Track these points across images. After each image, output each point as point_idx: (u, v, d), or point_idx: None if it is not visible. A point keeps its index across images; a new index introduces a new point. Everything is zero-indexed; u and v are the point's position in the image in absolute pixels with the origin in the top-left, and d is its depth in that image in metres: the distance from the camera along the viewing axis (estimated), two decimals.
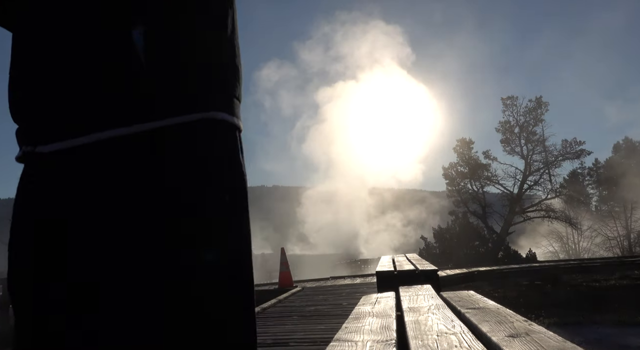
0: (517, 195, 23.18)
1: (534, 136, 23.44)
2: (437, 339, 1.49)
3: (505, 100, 24.09)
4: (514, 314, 1.79)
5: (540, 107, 23.53)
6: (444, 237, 21.48)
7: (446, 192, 24.62)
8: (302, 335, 4.57)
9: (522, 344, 1.32)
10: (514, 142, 23.69)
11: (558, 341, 1.32)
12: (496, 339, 1.41)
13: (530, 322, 1.61)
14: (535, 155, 23.49)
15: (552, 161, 23.22)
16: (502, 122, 24.09)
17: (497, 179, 23.68)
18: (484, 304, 2.18)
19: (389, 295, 2.87)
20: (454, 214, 22.79)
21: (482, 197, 23.45)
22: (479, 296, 2.51)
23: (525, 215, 23.41)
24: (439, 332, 1.58)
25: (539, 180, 23.36)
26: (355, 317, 2.14)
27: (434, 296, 2.54)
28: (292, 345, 4.20)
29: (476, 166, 23.73)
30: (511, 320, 1.67)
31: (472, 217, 22.85)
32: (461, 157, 24.27)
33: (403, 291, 2.87)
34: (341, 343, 1.61)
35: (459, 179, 24.00)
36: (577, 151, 23.06)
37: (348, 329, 1.85)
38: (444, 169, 24.48)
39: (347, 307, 6.20)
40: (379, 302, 2.60)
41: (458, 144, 24.54)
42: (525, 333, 1.44)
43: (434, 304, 2.20)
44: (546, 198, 23.18)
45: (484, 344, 1.42)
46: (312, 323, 5.33)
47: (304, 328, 5.00)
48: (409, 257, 6.63)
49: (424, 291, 2.83)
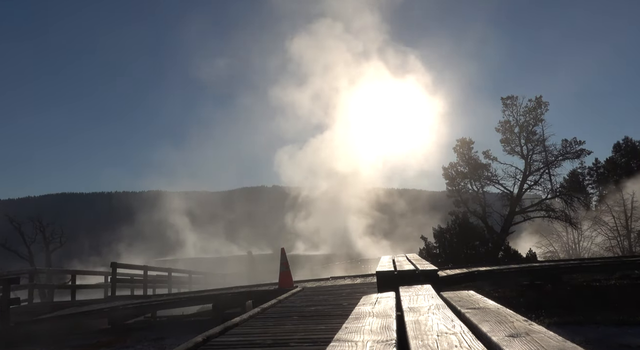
0: (517, 195, 23.17)
1: (534, 136, 23.44)
2: (437, 339, 1.48)
3: (505, 100, 24.09)
4: (514, 314, 1.79)
5: (540, 107, 23.52)
6: (444, 237, 21.45)
7: (446, 192, 24.61)
8: (303, 336, 4.56)
9: (523, 344, 1.32)
10: (513, 142, 23.68)
11: (558, 341, 1.31)
12: (496, 339, 1.41)
13: (530, 322, 1.61)
14: (535, 155, 23.49)
15: (552, 161, 23.21)
16: (502, 122, 24.09)
17: (497, 178, 23.69)
18: (484, 303, 2.18)
19: (389, 295, 2.87)
20: (454, 214, 22.76)
21: (482, 197, 23.44)
22: (479, 296, 2.50)
23: (525, 215, 23.39)
24: (439, 332, 1.58)
25: (539, 180, 23.35)
26: (356, 317, 2.13)
27: (434, 296, 2.53)
28: (292, 346, 4.19)
29: (476, 166, 23.72)
30: (511, 320, 1.66)
31: (472, 217, 22.83)
32: (461, 157, 24.26)
33: (403, 291, 2.87)
34: (341, 343, 1.61)
35: (459, 179, 23.99)
36: (577, 151, 23.04)
37: (348, 329, 1.85)
38: (444, 169, 24.47)
39: (348, 307, 6.19)
40: (379, 302, 2.59)
41: (458, 143, 24.54)
42: (526, 333, 1.44)
43: (434, 304, 2.20)
44: (546, 198, 23.16)
45: (484, 343, 1.42)
46: (312, 323, 5.32)
47: (304, 328, 4.99)
48: (409, 257, 6.63)
49: (424, 291, 2.82)
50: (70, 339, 9.22)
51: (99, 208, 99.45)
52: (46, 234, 26.16)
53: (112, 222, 48.58)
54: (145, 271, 17.05)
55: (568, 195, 22.81)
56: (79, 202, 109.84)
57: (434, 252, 20.96)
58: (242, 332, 5.05)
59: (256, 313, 6.46)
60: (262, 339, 4.52)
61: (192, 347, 4.21)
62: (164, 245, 45.03)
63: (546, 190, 23.15)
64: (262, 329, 5.17)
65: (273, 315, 6.31)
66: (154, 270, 18.86)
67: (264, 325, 5.44)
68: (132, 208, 54.59)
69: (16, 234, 24.95)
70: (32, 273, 14.94)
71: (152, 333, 9.34)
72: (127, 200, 61.04)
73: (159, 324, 11.50)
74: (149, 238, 45.72)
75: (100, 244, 38.80)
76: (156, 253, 41.82)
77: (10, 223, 25.21)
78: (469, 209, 23.11)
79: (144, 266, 17.57)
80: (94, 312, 10.85)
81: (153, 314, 12.76)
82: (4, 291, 10.04)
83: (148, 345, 8.17)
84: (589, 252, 27.24)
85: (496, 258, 19.89)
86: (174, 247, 44.58)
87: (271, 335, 4.72)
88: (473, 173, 23.66)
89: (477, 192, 23.63)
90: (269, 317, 6.16)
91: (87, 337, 9.33)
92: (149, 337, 8.86)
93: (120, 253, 39.35)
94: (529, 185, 23.41)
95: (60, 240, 26.85)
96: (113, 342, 8.63)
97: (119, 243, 43.27)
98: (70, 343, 8.84)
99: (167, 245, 45.16)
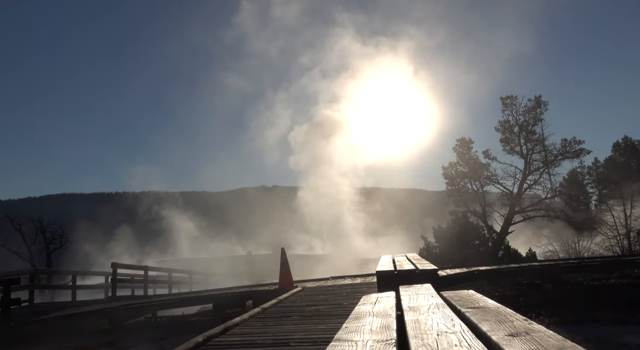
0: (516, 194, 23.16)
1: (534, 135, 23.43)
2: (437, 338, 1.49)
3: (505, 100, 24.09)
4: (514, 313, 1.80)
5: (539, 107, 23.52)
6: (444, 236, 21.47)
7: (446, 192, 24.61)
8: (303, 335, 4.57)
9: (522, 343, 1.33)
10: (513, 142, 23.67)
11: (558, 340, 1.32)
12: (496, 338, 1.41)
13: (530, 321, 1.62)
14: (535, 155, 23.47)
15: (551, 160, 23.20)
16: (501, 122, 24.08)
17: (496, 178, 23.67)
18: (484, 303, 2.18)
19: (389, 295, 2.87)
20: (454, 214, 22.77)
21: (482, 197, 23.43)
22: (479, 295, 2.51)
23: (525, 214, 23.38)
24: (439, 331, 1.59)
25: (539, 180, 23.35)
26: (356, 316, 2.14)
27: (434, 295, 2.54)
28: (292, 345, 4.19)
29: (476, 166, 23.71)
30: (511, 320, 1.67)
31: (472, 217, 22.83)
32: (461, 157, 24.26)
33: (403, 291, 2.88)
34: (342, 343, 1.61)
35: (459, 178, 23.99)
36: (577, 150, 23.04)
37: (348, 328, 1.86)
38: (444, 168, 24.47)
39: (348, 307, 6.20)
40: (379, 301, 2.60)
41: (458, 143, 24.54)
42: (525, 332, 1.45)
43: (434, 304, 2.21)
44: (546, 197, 23.16)
45: (484, 343, 1.42)
46: (312, 323, 5.33)
47: (305, 328, 5.00)
48: (409, 257, 6.63)
49: (424, 290, 2.83)
50: (70, 339, 9.22)
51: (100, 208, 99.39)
52: (46, 235, 26.16)
53: (113, 223, 48.55)
54: (145, 271, 17.05)
55: (568, 195, 22.80)
56: (80, 203, 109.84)
57: (434, 252, 20.98)
58: (242, 332, 5.05)
59: (256, 313, 6.47)
60: (263, 339, 4.52)
61: (193, 347, 4.21)
62: (164, 245, 45.04)
63: (546, 190, 23.16)
64: (263, 328, 5.18)
65: (273, 315, 6.32)
66: (154, 271, 18.86)
67: (264, 325, 5.45)
68: (132, 208, 54.54)
69: (17, 235, 24.95)
70: (32, 273, 14.95)
71: (152, 333, 9.35)
72: (128, 201, 61.02)
73: (160, 324, 11.51)
74: (149, 238, 45.71)
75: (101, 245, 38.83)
76: (157, 253, 41.82)
77: (10, 223, 25.22)
78: (469, 208, 23.12)
79: (144, 266, 17.58)
80: (94, 312, 10.85)
81: (153, 314, 12.77)
82: (5, 291, 10.04)
83: (148, 345, 8.18)
84: (589, 252, 27.24)
85: (496, 257, 19.91)
86: (174, 247, 44.58)
87: (271, 335, 4.72)
88: (473, 173, 23.66)
89: (477, 191, 23.63)
90: (269, 317, 6.16)
91: (88, 338, 9.33)
92: (149, 337, 8.87)
93: (121, 253, 39.37)
94: (529, 184, 23.41)
95: (60, 241, 26.86)
96: (114, 342, 8.63)
97: (119, 243, 43.28)
98: (70, 343, 8.84)
99: (167, 245, 45.15)
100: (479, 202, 23.21)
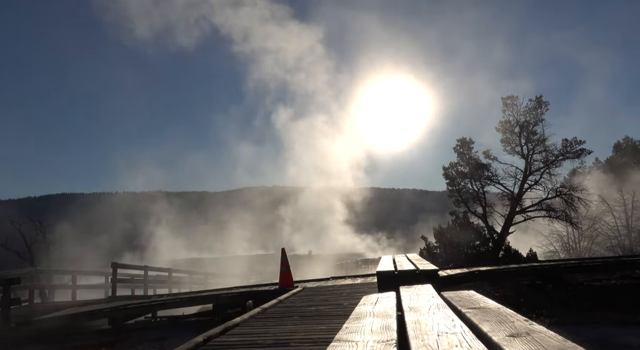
0: (517, 194, 23.13)
1: (534, 136, 23.40)
2: (437, 339, 1.48)
3: (506, 100, 24.06)
4: (514, 314, 1.79)
5: (540, 107, 23.49)
6: (444, 237, 21.47)
7: (446, 192, 24.60)
8: (303, 336, 4.56)
9: (523, 344, 1.32)
10: (514, 142, 23.65)
11: (559, 340, 1.32)
12: (497, 339, 1.41)
13: (531, 322, 1.61)
14: (536, 155, 23.44)
15: (552, 160, 23.17)
16: (502, 122, 24.05)
17: (497, 178, 23.64)
18: (485, 303, 2.18)
19: (389, 295, 2.87)
20: (454, 214, 22.76)
21: (483, 197, 23.41)
22: (479, 296, 2.50)
23: (525, 214, 23.36)
24: (440, 331, 1.58)
25: (540, 180, 23.31)
26: (356, 317, 2.13)
27: (435, 296, 2.53)
28: (293, 346, 4.19)
29: (476, 166, 23.69)
30: (512, 320, 1.66)
31: (472, 217, 22.82)
32: (461, 157, 24.25)
33: (404, 291, 2.87)
34: (342, 343, 1.61)
35: (459, 178, 23.97)
36: (578, 150, 23.01)
37: (349, 329, 1.85)
38: (444, 168, 24.45)
39: (348, 307, 6.19)
40: (380, 302, 2.59)
41: (458, 143, 24.53)
42: (526, 333, 1.44)
43: (435, 304, 2.20)
44: (547, 197, 23.13)
45: (485, 343, 1.42)
46: (313, 323, 5.32)
47: (305, 328, 4.99)
48: (409, 257, 6.63)
49: (425, 291, 2.82)
50: (70, 339, 9.22)
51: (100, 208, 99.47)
52: (47, 235, 26.19)
53: (113, 223, 48.64)
54: (145, 271, 17.06)
55: (568, 195, 22.74)
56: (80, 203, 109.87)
57: (434, 252, 20.98)
58: (242, 332, 5.05)
59: (257, 313, 6.47)
60: (263, 339, 4.52)
61: (193, 347, 4.21)
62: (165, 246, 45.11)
63: (547, 190, 23.12)
64: (263, 329, 5.17)
65: (274, 315, 6.31)
66: (154, 271, 18.88)
67: (264, 325, 5.44)
68: (132, 208, 54.62)
69: (17, 235, 24.97)
70: (32, 273, 14.95)
71: (152, 333, 9.35)
72: (128, 201, 61.13)
73: (160, 324, 11.50)
74: (149, 238, 45.78)
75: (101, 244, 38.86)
76: (157, 253, 41.88)
77: (10, 223, 25.24)
78: (469, 208, 23.10)
79: (144, 266, 17.59)
80: (94, 312, 10.85)
81: (154, 314, 12.77)
82: (5, 291, 10.05)
83: (149, 345, 8.18)
84: (590, 252, 27.22)
85: (496, 258, 19.90)
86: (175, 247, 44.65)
87: (272, 335, 4.72)
88: (473, 173, 23.65)
89: (478, 192, 23.61)
90: (269, 317, 6.16)
91: (88, 338, 9.33)
92: (149, 337, 8.87)
93: (121, 253, 39.40)
94: (530, 185, 23.37)
95: (60, 241, 26.87)
96: (114, 342, 8.63)
97: (120, 243, 43.33)
98: (70, 343, 8.84)
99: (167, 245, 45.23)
100: (480, 203, 23.20)
